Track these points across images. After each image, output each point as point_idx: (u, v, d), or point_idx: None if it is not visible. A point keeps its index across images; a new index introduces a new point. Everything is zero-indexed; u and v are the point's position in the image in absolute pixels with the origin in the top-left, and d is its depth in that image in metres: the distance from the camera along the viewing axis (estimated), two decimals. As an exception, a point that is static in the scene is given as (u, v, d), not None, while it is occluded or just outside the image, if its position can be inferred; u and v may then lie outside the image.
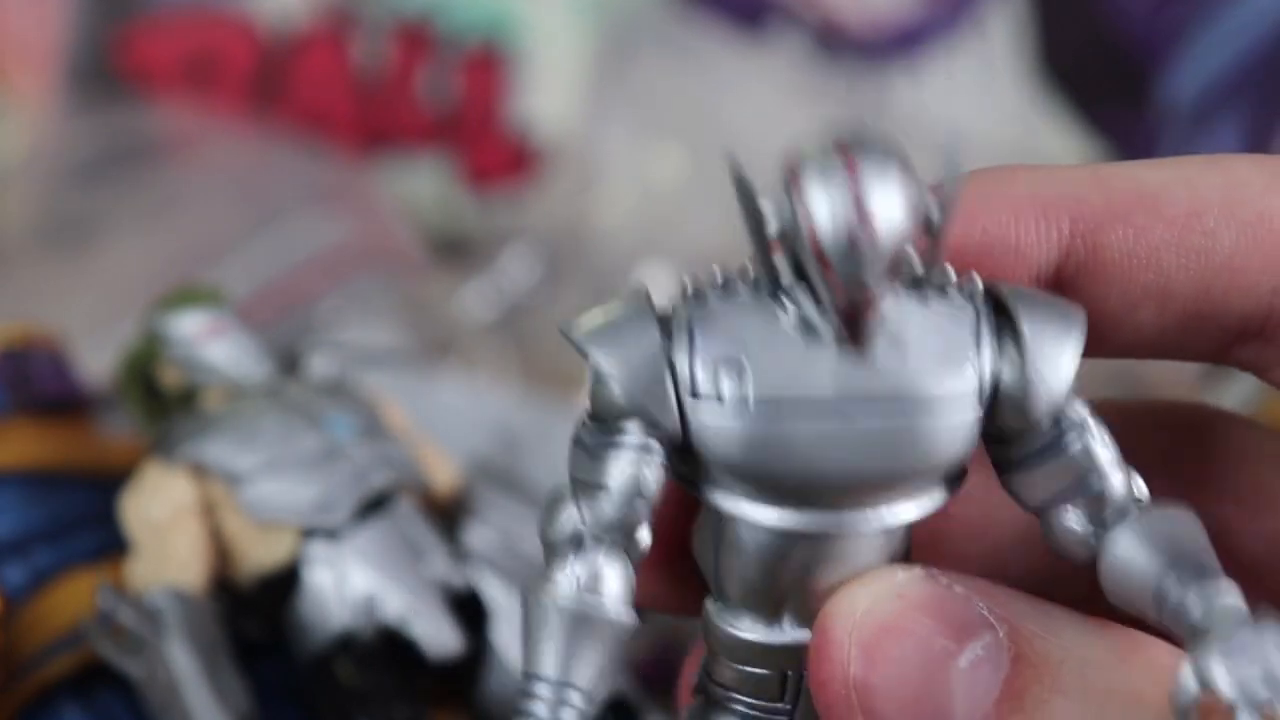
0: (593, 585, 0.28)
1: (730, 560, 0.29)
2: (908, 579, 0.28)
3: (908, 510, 0.28)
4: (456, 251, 0.88)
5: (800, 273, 0.27)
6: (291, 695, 0.45)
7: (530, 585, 0.28)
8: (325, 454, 0.45)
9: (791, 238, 0.26)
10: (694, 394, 0.27)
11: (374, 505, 0.45)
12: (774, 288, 0.27)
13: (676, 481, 0.29)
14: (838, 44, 0.93)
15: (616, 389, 0.27)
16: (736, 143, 0.35)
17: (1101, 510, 0.28)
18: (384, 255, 0.80)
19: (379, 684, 0.43)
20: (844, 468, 0.27)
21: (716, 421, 0.27)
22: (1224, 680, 0.24)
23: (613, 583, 0.28)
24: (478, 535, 0.47)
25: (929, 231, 0.27)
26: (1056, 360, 0.27)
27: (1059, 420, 0.28)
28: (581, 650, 0.28)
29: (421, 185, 0.92)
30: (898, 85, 0.89)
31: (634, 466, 0.28)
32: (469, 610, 0.46)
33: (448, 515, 0.48)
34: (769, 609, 0.29)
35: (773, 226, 0.26)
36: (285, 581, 0.44)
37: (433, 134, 0.92)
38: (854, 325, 0.26)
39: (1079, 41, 0.88)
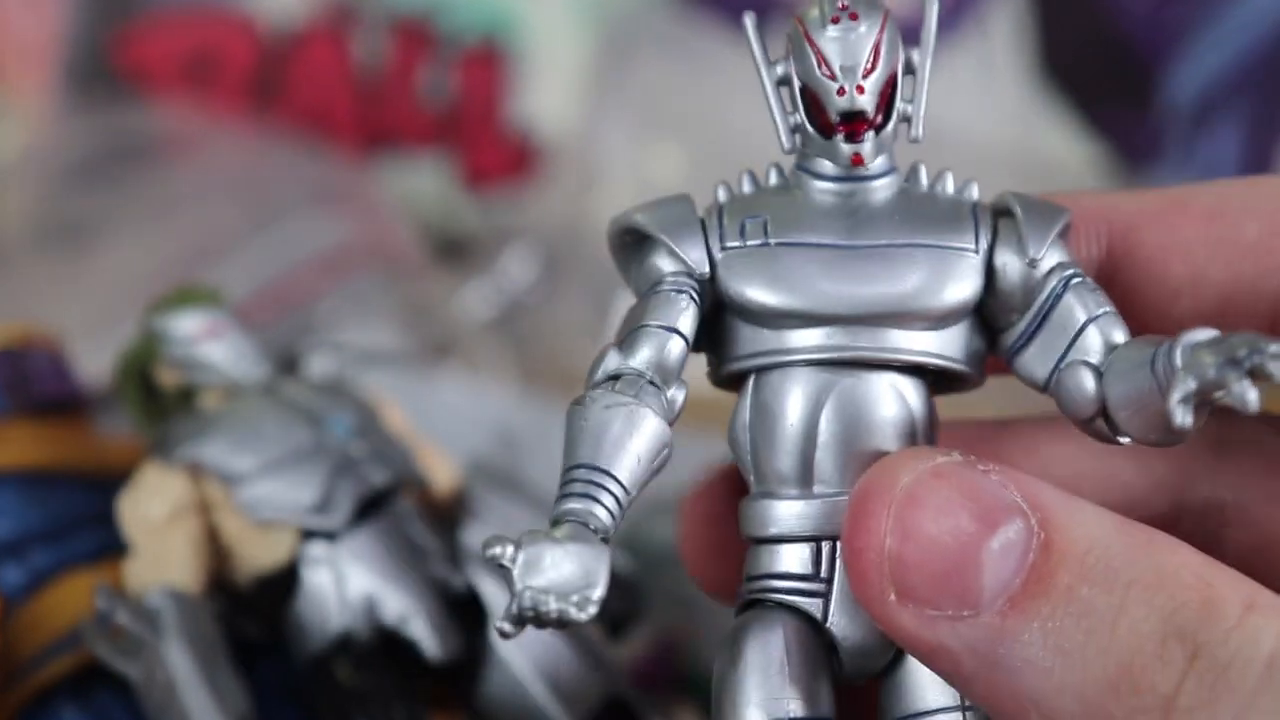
0: (633, 393, 0.30)
1: (765, 429, 0.31)
2: (947, 461, 0.29)
3: (921, 342, 0.30)
4: (456, 251, 0.88)
5: (808, 111, 0.30)
6: (290, 696, 0.44)
7: (570, 407, 0.30)
8: (324, 454, 0.45)
9: (799, 72, 0.30)
10: (722, 247, 0.31)
11: (373, 505, 0.45)
12: (790, 177, 0.31)
13: (710, 358, 0.32)
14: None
15: (651, 227, 0.31)
16: (736, 143, 0.35)
17: (1099, 360, 0.30)
18: (384, 255, 0.80)
19: (378, 685, 0.42)
20: (854, 295, 0.30)
21: (742, 263, 0.30)
22: (1209, 358, 0.27)
23: (651, 398, 0.30)
24: (477, 535, 0.47)
25: (910, 70, 0.31)
26: (1046, 223, 0.31)
27: (1050, 283, 0.30)
28: (620, 445, 0.29)
29: (421, 185, 0.92)
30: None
31: (670, 307, 0.30)
32: (468, 610, 0.45)
33: (447, 515, 0.48)
34: (802, 474, 0.30)
35: (779, 70, 0.31)
36: (284, 582, 0.44)
37: (433, 133, 0.92)
38: (854, 134, 0.30)
39: (1080, 41, 0.88)
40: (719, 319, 0.32)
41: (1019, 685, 0.27)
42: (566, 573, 0.27)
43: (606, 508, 0.29)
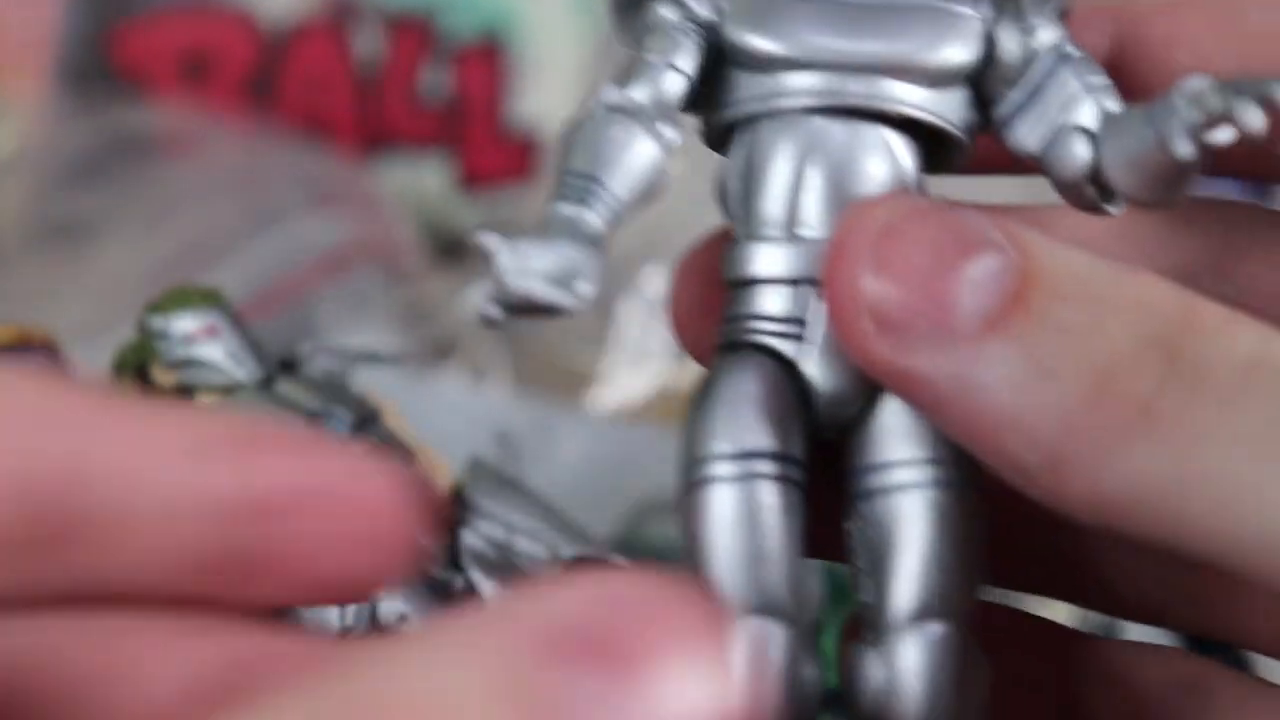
0: (631, 112, 0.30)
1: (754, 174, 0.31)
2: (925, 199, 0.29)
3: (917, 96, 0.31)
4: (456, 251, 0.87)
5: None
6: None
7: (567, 128, 0.30)
8: None
9: None
10: None
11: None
12: None
13: (707, 116, 0.32)
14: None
15: None
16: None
17: (1093, 126, 0.30)
18: (382, 254, 0.80)
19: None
20: (854, 45, 0.30)
21: (745, 10, 0.31)
22: (1212, 93, 0.27)
23: (647, 121, 0.30)
24: (475, 536, 0.47)
25: None
26: (1040, 6, 0.31)
27: (1047, 56, 0.31)
28: (614, 158, 0.29)
29: (421, 184, 0.91)
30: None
31: (684, 48, 0.31)
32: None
33: (445, 515, 0.48)
34: (788, 218, 0.31)
35: None
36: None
37: (432, 132, 0.91)
38: None
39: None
40: (718, 72, 0.32)
41: (997, 406, 0.27)
42: (554, 261, 0.28)
43: (597, 213, 0.29)
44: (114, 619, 0.27)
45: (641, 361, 0.75)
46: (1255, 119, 0.27)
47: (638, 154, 0.30)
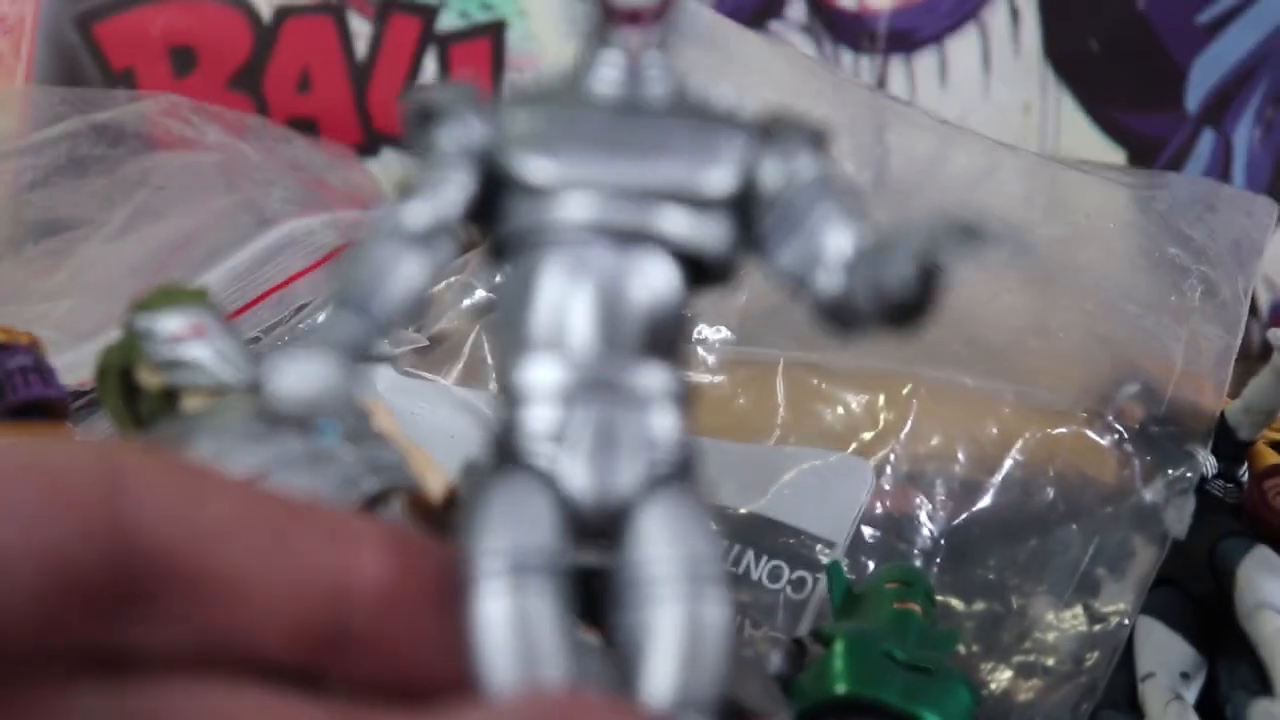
0: (399, 242, 0.32)
1: (521, 293, 0.33)
2: None
3: (680, 223, 0.32)
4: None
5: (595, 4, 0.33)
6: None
7: (346, 251, 0.32)
8: (314, 460, 0.44)
9: None
10: (500, 122, 0.33)
11: (366, 508, 0.44)
12: (577, 67, 0.34)
13: (485, 232, 0.34)
14: (849, 32, 0.91)
15: (436, 102, 0.33)
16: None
17: (848, 259, 0.32)
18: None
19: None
20: (618, 173, 0.32)
21: (514, 134, 0.33)
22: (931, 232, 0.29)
23: (414, 248, 0.32)
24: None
25: None
26: (800, 133, 0.33)
27: (806, 189, 0.32)
28: (381, 287, 0.32)
29: (414, 178, 0.90)
30: (909, 75, 0.88)
31: (448, 167, 0.33)
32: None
33: (440, 518, 0.47)
34: (551, 335, 0.32)
35: None
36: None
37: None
38: (637, 18, 0.33)
39: (1097, 35, 0.87)
40: (494, 193, 0.34)
41: None
42: (311, 378, 0.30)
43: (356, 332, 0.31)
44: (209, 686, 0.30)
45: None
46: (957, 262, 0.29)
47: (403, 276, 0.32)
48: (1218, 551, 0.60)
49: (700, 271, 0.34)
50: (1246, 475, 0.64)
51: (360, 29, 0.90)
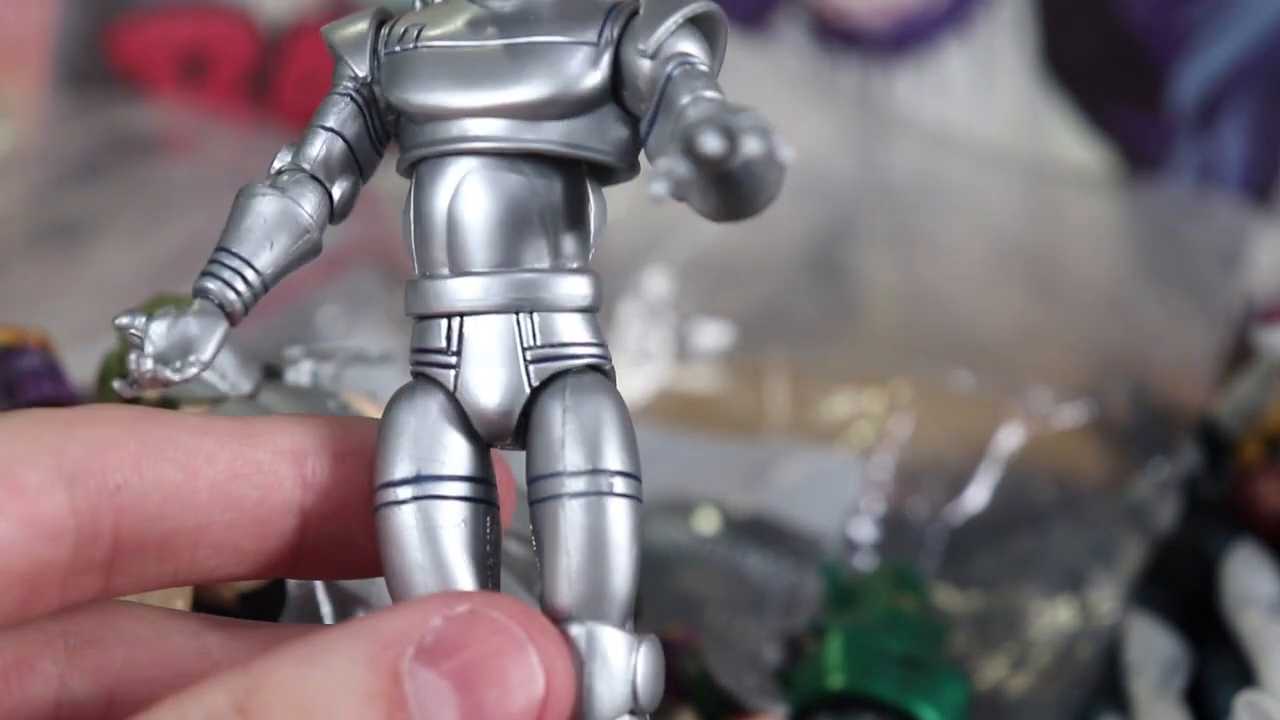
0: (283, 187, 0.34)
1: (419, 216, 0.34)
2: None
3: (549, 131, 0.33)
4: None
5: None
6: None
7: (234, 197, 0.34)
8: None
9: None
10: (386, 50, 0.34)
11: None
12: None
13: (383, 138, 0.35)
14: (842, 38, 0.92)
15: (332, 40, 0.35)
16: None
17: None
18: (381, 253, 0.80)
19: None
20: (483, 93, 0.33)
21: (392, 68, 0.34)
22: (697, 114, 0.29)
23: (308, 197, 0.34)
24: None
25: None
26: (665, 14, 0.32)
27: (665, 70, 0.32)
28: (267, 239, 0.33)
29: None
30: (902, 81, 0.88)
31: (338, 108, 0.34)
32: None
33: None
34: (446, 257, 0.33)
35: None
36: (270, 597, 0.43)
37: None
38: None
39: (1087, 40, 0.88)
40: (398, 120, 0.35)
41: None
42: (177, 338, 0.32)
43: (236, 288, 0.33)
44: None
45: (642, 362, 0.75)
46: (713, 145, 0.28)
47: (283, 226, 0.34)
48: (1204, 548, 0.61)
49: (596, 167, 0.34)
50: (1233, 473, 0.64)
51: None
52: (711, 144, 0.28)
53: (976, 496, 0.66)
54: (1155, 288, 0.78)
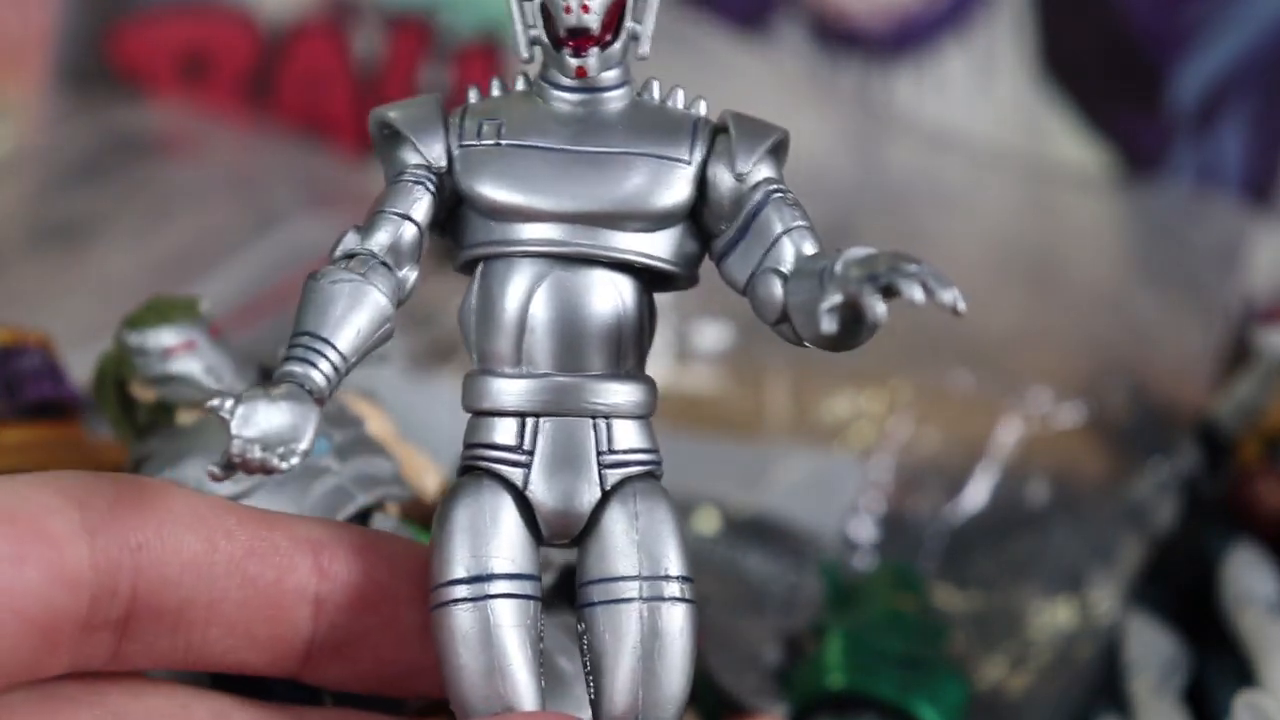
0: (362, 272, 0.33)
1: (486, 312, 0.34)
2: None
3: (633, 242, 0.34)
4: (455, 252, 0.87)
5: (546, 26, 0.34)
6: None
7: (305, 280, 0.33)
8: (305, 474, 0.44)
9: None
10: (460, 144, 0.34)
11: (357, 519, 0.44)
12: (534, 86, 0.35)
13: (443, 239, 0.35)
14: (841, 39, 0.92)
15: (399, 123, 0.35)
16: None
17: (788, 268, 0.33)
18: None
19: (366, 701, 0.42)
20: (573, 195, 0.33)
21: (474, 160, 0.34)
22: (855, 272, 0.30)
23: (383, 282, 0.33)
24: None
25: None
26: (756, 140, 0.34)
27: (755, 196, 0.33)
28: (349, 323, 0.33)
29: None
30: (902, 82, 0.88)
31: (411, 195, 0.34)
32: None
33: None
34: (515, 355, 0.34)
35: None
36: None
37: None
38: (580, 49, 0.33)
39: (1086, 40, 0.88)
40: (458, 211, 0.35)
41: None
42: (276, 425, 0.30)
43: (323, 372, 0.32)
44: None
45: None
46: (878, 312, 0.30)
47: (364, 310, 0.33)
48: (1203, 548, 0.61)
49: (661, 278, 0.35)
50: (1232, 473, 0.64)
51: (368, 37, 0.91)
52: (916, 294, 0.29)
53: (976, 496, 0.66)
54: (1154, 288, 0.78)
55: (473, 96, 0.36)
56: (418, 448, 0.49)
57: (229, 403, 0.30)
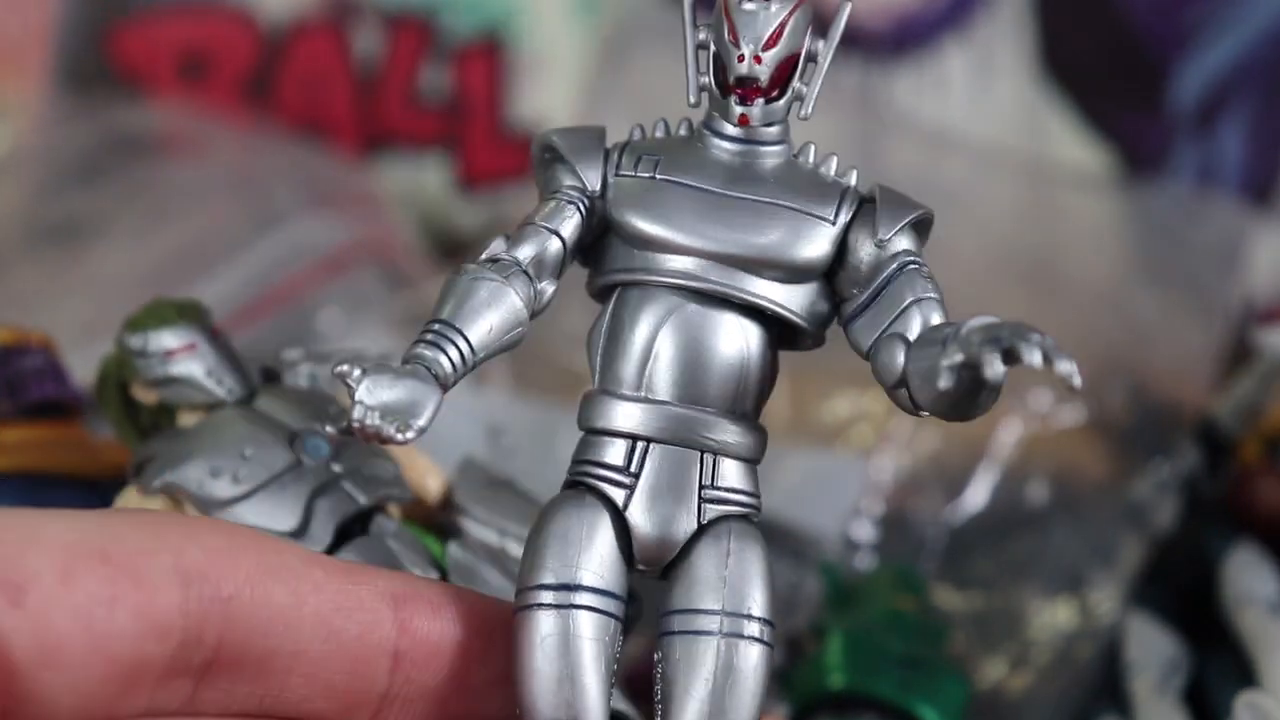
0: (504, 275, 0.34)
1: (615, 336, 0.35)
2: None
3: (768, 290, 0.35)
4: (455, 251, 0.87)
5: (716, 74, 0.35)
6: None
7: (448, 275, 0.34)
8: (303, 475, 0.44)
9: (714, 39, 0.35)
10: (616, 174, 0.35)
11: (356, 521, 0.44)
12: (696, 131, 0.36)
13: (590, 272, 0.36)
14: (841, 39, 0.92)
15: (563, 147, 0.36)
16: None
17: (914, 336, 0.34)
18: (382, 254, 0.80)
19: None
20: (717, 238, 0.34)
21: (627, 189, 0.35)
22: (977, 336, 0.31)
23: (523, 290, 0.34)
24: (468, 540, 0.46)
25: (812, 58, 0.36)
26: (899, 213, 0.35)
27: (891, 265, 0.34)
28: (485, 320, 0.34)
29: (421, 184, 0.91)
30: (902, 82, 0.88)
31: (563, 213, 0.35)
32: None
33: (438, 520, 0.47)
34: (636, 380, 0.35)
35: (701, 35, 0.36)
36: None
37: (432, 131, 0.91)
38: (746, 98, 0.35)
39: (1087, 40, 0.88)
40: (603, 238, 0.36)
41: None
42: (397, 397, 0.32)
43: (451, 359, 0.33)
44: None
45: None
46: (997, 372, 0.30)
47: (499, 310, 0.34)
48: (1204, 548, 0.61)
49: (789, 332, 0.36)
50: (1232, 473, 0.64)
51: (368, 37, 0.91)
52: (1035, 359, 0.30)
53: (976, 497, 0.66)
54: (1155, 288, 0.78)
55: (636, 134, 0.37)
56: (419, 450, 0.49)
57: (356, 371, 0.32)
